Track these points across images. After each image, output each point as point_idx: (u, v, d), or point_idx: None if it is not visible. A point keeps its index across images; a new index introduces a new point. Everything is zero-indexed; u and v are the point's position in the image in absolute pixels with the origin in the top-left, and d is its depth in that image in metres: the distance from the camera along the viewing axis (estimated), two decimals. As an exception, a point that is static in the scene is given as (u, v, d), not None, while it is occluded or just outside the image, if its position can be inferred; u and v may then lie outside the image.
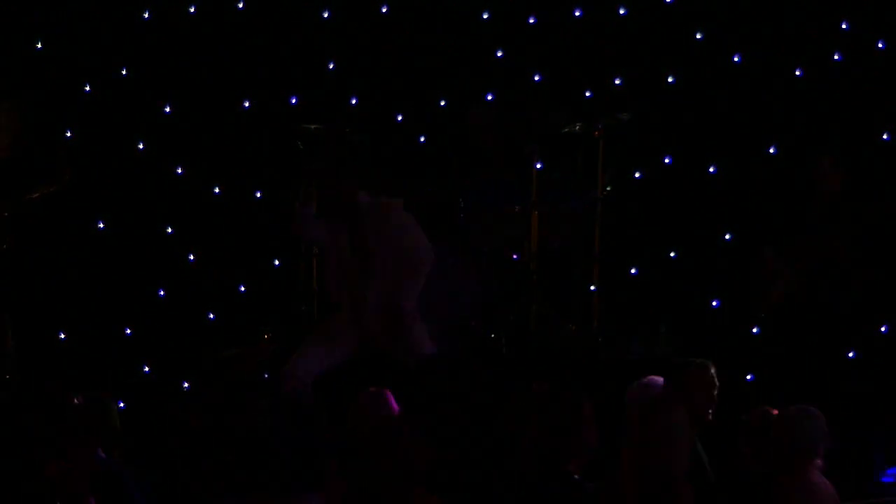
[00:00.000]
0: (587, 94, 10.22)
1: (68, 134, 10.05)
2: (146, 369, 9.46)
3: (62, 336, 9.87)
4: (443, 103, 10.50)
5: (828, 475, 5.76)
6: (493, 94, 10.32)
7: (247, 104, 9.83)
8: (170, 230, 10.47)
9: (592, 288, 9.29)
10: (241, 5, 10.47)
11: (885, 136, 10.04)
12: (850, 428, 8.62)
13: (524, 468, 4.96)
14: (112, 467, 5.54)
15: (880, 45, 10.04)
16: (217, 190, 10.47)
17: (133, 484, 5.69)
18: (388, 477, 4.42)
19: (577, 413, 5.01)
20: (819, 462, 5.41)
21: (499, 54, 10.43)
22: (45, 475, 4.49)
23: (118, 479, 5.29)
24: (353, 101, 10.28)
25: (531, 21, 10.37)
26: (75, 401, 5.55)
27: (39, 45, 10.31)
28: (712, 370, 6.59)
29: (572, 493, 4.84)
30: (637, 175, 9.46)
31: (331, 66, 9.84)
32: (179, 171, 10.44)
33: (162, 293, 10.46)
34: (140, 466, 6.64)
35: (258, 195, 9.55)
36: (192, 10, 10.40)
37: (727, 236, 10.25)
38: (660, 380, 6.56)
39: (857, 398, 8.98)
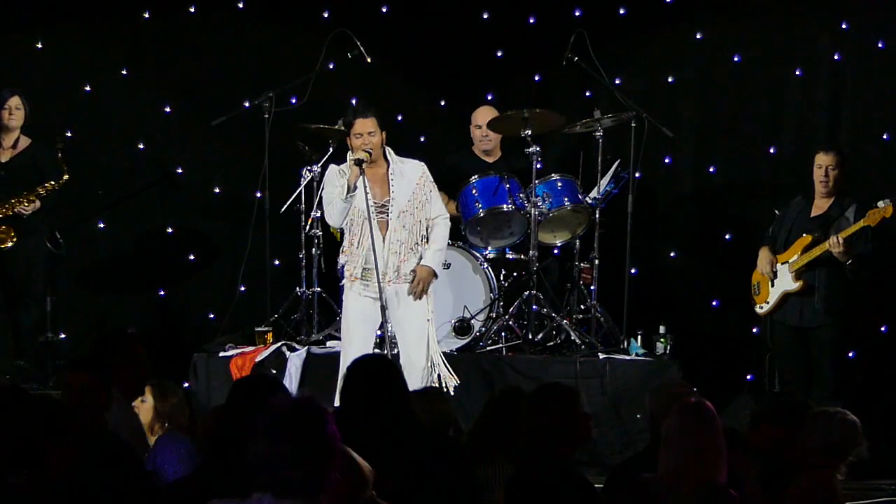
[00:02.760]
0: (587, 94, 10.24)
1: (69, 134, 10.05)
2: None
3: (62, 335, 9.87)
4: (443, 103, 10.51)
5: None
6: (492, 94, 10.33)
7: (247, 104, 9.82)
8: (170, 230, 10.48)
9: (593, 287, 9.30)
10: (241, 5, 10.48)
11: (885, 136, 10.05)
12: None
13: (520, 460, 4.99)
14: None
15: (880, 45, 10.05)
16: (217, 190, 10.48)
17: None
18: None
19: (571, 405, 5.04)
20: (843, 467, 5.38)
21: (499, 54, 10.44)
22: None
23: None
24: (354, 101, 10.28)
25: (531, 21, 10.38)
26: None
27: (39, 45, 10.31)
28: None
29: (574, 485, 4.87)
30: (637, 174, 9.46)
31: (331, 66, 9.84)
32: (180, 171, 10.45)
33: (162, 293, 10.47)
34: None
35: (258, 195, 9.54)
36: (192, 9, 10.40)
37: (727, 236, 10.27)
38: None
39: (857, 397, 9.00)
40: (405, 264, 7.92)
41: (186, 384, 9.01)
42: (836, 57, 10.11)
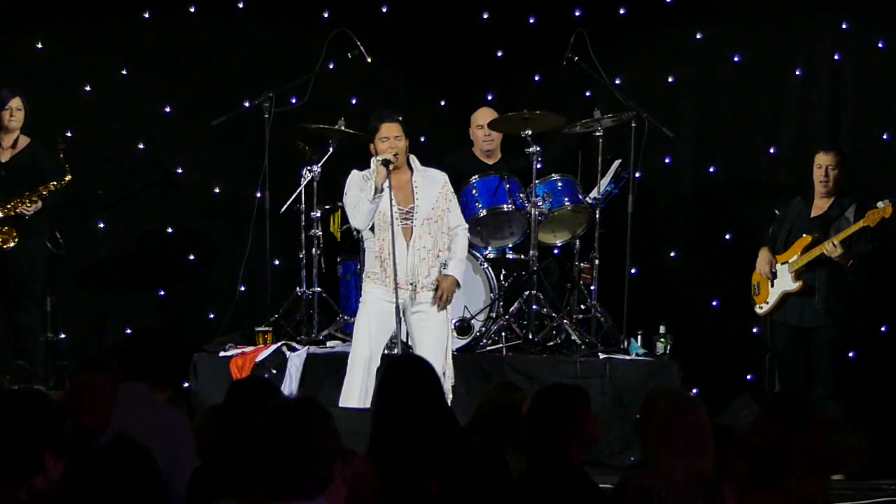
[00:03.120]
0: (587, 94, 10.23)
1: (69, 134, 10.05)
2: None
3: (62, 335, 9.86)
4: (443, 103, 10.51)
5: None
6: (492, 95, 10.33)
7: (247, 104, 9.82)
8: (170, 230, 10.48)
9: (593, 287, 9.29)
10: (241, 5, 10.47)
11: (885, 136, 10.05)
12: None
13: (529, 461, 4.98)
14: None
15: (880, 45, 10.04)
16: (217, 190, 10.48)
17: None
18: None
19: (580, 406, 5.03)
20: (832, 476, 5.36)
21: (499, 54, 10.44)
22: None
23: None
24: (354, 101, 10.29)
25: (531, 21, 10.38)
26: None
27: (39, 45, 10.31)
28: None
29: (580, 485, 4.86)
30: (637, 174, 9.46)
31: (331, 66, 9.84)
32: (179, 170, 10.45)
33: (162, 293, 10.46)
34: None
35: (258, 195, 9.55)
36: (192, 9, 10.40)
37: (727, 236, 10.26)
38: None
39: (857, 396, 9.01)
40: (433, 270, 7.98)
41: (186, 384, 9.02)
42: (836, 57, 10.10)
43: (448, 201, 8.14)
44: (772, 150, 10.24)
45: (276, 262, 9.99)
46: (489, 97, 10.25)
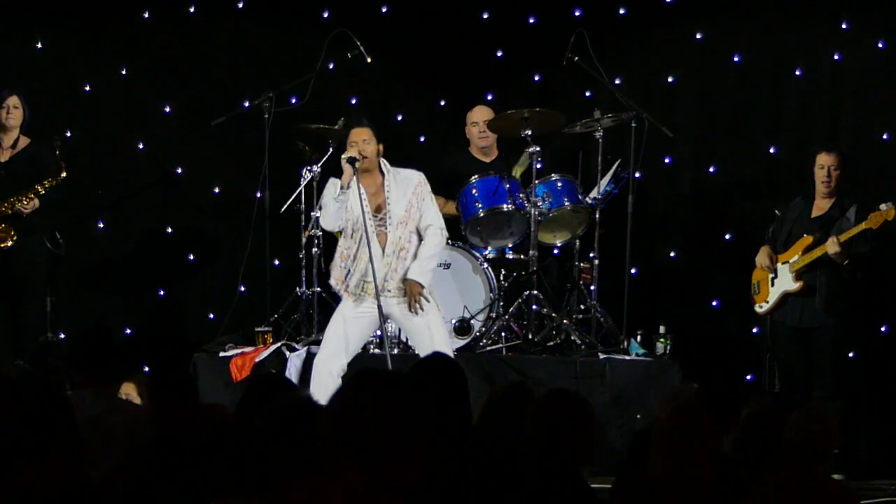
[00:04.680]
0: (587, 94, 10.23)
1: (68, 134, 10.05)
2: (146, 369, 9.44)
3: (62, 335, 9.86)
4: (443, 103, 10.51)
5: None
6: (492, 95, 10.33)
7: (247, 104, 9.82)
8: (170, 230, 10.48)
9: (593, 287, 9.30)
10: (241, 5, 10.47)
11: (885, 136, 10.05)
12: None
13: (529, 469, 4.95)
14: None
15: (880, 45, 10.05)
16: (217, 190, 10.48)
17: None
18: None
19: (583, 412, 5.00)
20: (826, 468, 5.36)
21: (499, 54, 10.44)
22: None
23: None
24: (354, 101, 10.29)
25: (531, 21, 10.38)
26: None
27: (39, 45, 10.31)
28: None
29: (581, 494, 4.84)
30: (637, 174, 9.46)
31: (331, 66, 9.84)
32: (179, 170, 10.45)
33: (162, 293, 10.46)
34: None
35: (258, 195, 9.55)
36: (192, 9, 10.40)
37: (727, 236, 10.26)
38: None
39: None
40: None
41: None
42: (836, 57, 10.11)
43: (422, 200, 8.13)
44: (772, 150, 10.24)
45: (276, 262, 10.00)
46: (489, 97, 10.25)
